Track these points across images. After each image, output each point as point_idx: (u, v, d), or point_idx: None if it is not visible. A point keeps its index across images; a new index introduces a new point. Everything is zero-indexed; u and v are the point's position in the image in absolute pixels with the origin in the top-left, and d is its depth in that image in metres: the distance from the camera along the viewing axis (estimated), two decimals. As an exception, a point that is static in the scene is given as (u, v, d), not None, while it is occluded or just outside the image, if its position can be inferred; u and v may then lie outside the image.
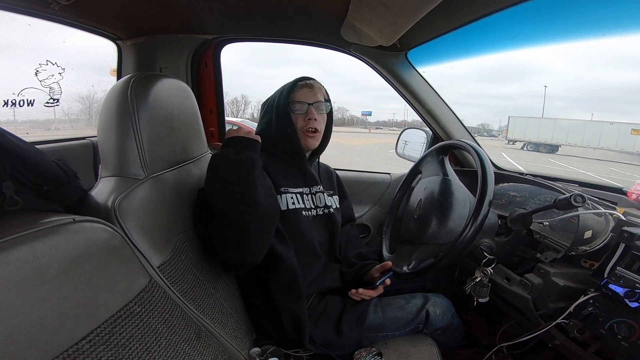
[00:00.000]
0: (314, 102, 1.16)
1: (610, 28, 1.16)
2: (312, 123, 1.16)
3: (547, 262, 0.98)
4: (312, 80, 1.20)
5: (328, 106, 1.21)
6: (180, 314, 0.71)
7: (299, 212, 1.14)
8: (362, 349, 1.05)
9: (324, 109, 1.20)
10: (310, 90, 1.17)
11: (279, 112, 1.16)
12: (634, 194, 1.11)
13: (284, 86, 1.20)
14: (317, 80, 1.21)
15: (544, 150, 23.24)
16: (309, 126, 1.16)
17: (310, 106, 1.16)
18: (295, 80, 1.19)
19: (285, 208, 1.12)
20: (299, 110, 1.16)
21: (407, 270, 1.02)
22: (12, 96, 1.16)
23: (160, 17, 1.28)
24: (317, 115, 1.17)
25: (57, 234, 0.52)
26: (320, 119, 1.18)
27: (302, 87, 1.17)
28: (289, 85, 1.17)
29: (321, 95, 1.20)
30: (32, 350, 0.44)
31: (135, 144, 0.79)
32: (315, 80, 1.21)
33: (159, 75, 0.92)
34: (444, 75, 47.16)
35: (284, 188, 1.14)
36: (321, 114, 1.19)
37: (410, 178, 1.32)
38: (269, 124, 1.19)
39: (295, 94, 1.16)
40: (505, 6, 1.03)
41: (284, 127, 1.15)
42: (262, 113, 1.25)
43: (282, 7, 1.20)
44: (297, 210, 1.14)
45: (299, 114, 1.16)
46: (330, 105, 1.23)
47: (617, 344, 0.78)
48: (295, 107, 1.15)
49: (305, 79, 1.19)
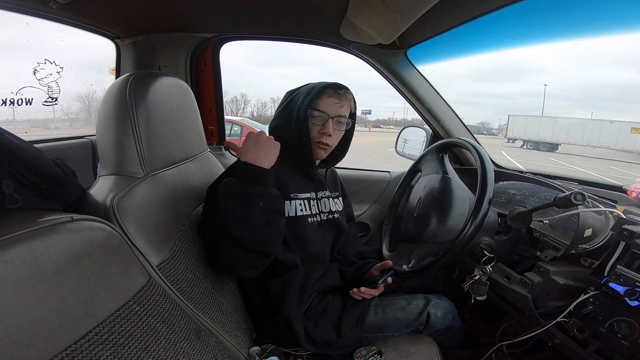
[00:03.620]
0: (335, 115, 1.07)
1: (609, 26, 1.16)
2: (325, 138, 1.08)
3: (547, 260, 0.98)
4: (343, 90, 1.08)
5: (349, 123, 1.13)
6: (180, 313, 0.71)
7: (305, 218, 1.11)
8: (361, 347, 1.05)
9: (343, 124, 1.11)
10: (337, 102, 1.07)
11: (298, 116, 1.06)
12: (634, 192, 1.11)
13: (313, 87, 1.08)
14: (349, 90, 1.10)
15: (544, 148, 23.28)
16: (321, 140, 1.08)
17: (329, 119, 1.07)
18: (324, 85, 1.07)
19: (293, 214, 1.08)
20: (316, 120, 1.07)
21: (406, 269, 1.02)
22: (11, 95, 1.16)
23: (159, 15, 1.27)
24: (332, 131, 1.08)
25: (56, 232, 0.51)
26: (335, 135, 1.10)
27: (330, 96, 1.06)
28: (317, 89, 1.06)
29: (347, 109, 1.10)
30: (30, 349, 0.44)
31: (134, 142, 0.79)
32: (347, 90, 1.09)
33: (158, 73, 0.91)
34: (443, 74, 47.05)
35: (293, 194, 1.10)
36: (339, 130, 1.11)
37: (410, 176, 1.32)
38: (286, 123, 1.10)
39: (320, 102, 1.06)
40: (504, 4, 1.02)
41: (299, 133, 1.06)
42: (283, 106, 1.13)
43: (281, 5, 1.20)
44: (304, 217, 1.11)
45: (315, 124, 1.07)
46: (353, 121, 1.15)
47: (617, 343, 0.78)
48: (314, 115, 1.06)
49: (336, 87, 1.08)
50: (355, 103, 1.14)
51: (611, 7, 1.12)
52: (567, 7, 1.19)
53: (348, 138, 1.18)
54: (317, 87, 1.06)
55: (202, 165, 1.13)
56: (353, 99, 1.13)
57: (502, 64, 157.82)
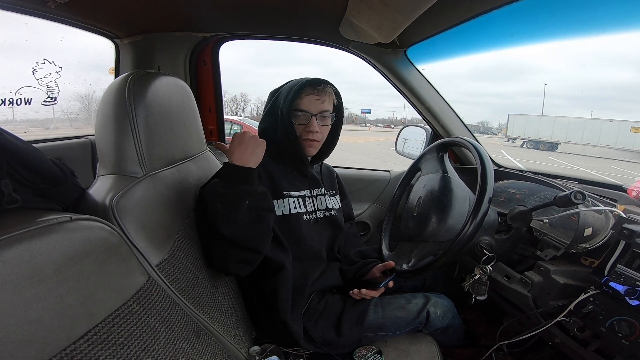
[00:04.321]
0: (317, 112, 1.08)
1: (608, 25, 1.16)
2: (312, 135, 1.09)
3: (547, 259, 0.98)
4: (322, 85, 1.08)
5: (334, 116, 1.13)
6: (179, 313, 0.71)
7: (300, 216, 1.11)
8: (361, 347, 1.05)
9: (328, 118, 1.11)
10: (318, 98, 1.07)
11: (282, 117, 1.07)
12: (634, 191, 1.11)
13: (292, 85, 1.08)
14: (328, 84, 1.10)
15: (544, 147, 23.29)
16: (308, 137, 1.09)
17: (313, 117, 1.07)
18: (302, 83, 1.06)
19: (287, 212, 1.09)
20: (300, 120, 1.08)
21: (406, 268, 1.02)
22: (10, 95, 1.16)
23: (158, 14, 1.27)
24: (318, 127, 1.09)
25: (54, 232, 0.51)
26: (322, 130, 1.11)
27: (309, 94, 1.06)
28: (295, 89, 1.05)
29: (329, 103, 1.10)
30: (29, 349, 0.43)
31: (133, 141, 0.79)
32: (326, 84, 1.09)
33: (157, 73, 0.91)
34: (443, 73, 47.01)
35: (286, 192, 1.11)
36: (324, 125, 1.11)
37: (410, 175, 1.31)
38: (273, 125, 1.11)
39: (301, 101, 1.06)
40: (503, 3, 1.02)
41: (287, 133, 1.07)
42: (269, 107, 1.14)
43: (281, 4, 1.20)
44: (299, 214, 1.11)
45: (299, 123, 1.08)
46: (337, 114, 1.15)
47: (617, 342, 0.78)
48: (297, 115, 1.07)
49: (313, 84, 1.07)
50: (337, 95, 1.14)
51: (610, 6, 1.12)
52: (566, 6, 1.19)
53: (335, 131, 1.19)
54: (296, 86, 1.06)
55: (202, 164, 1.12)
56: (334, 91, 1.12)
57: (502, 63, 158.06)
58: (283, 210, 1.08)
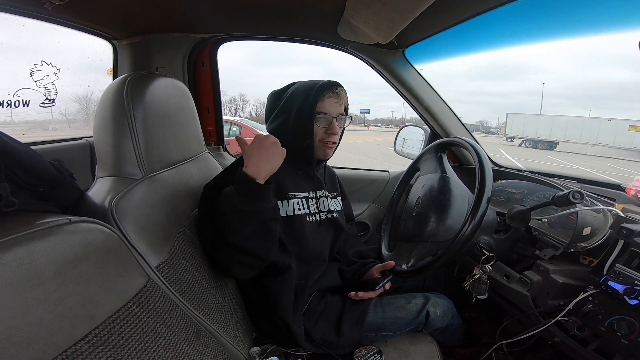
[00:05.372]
0: (337, 115, 1.09)
1: (606, 25, 1.16)
2: (333, 137, 1.11)
3: (546, 259, 0.98)
4: (339, 88, 1.10)
5: (350, 118, 1.16)
6: (179, 314, 0.71)
7: (304, 217, 1.11)
8: (362, 347, 1.05)
9: (343, 120, 1.14)
10: (337, 101, 1.09)
11: (301, 120, 1.05)
12: (632, 190, 1.11)
13: (309, 88, 1.07)
14: (342, 86, 1.12)
15: (543, 146, 23.29)
16: (329, 139, 1.10)
17: (334, 119, 1.09)
18: (323, 85, 1.06)
19: (291, 213, 1.08)
20: (321, 122, 1.08)
21: (406, 268, 1.02)
22: (8, 97, 1.16)
23: (156, 16, 1.27)
24: (337, 129, 1.11)
25: (54, 234, 0.51)
26: (339, 132, 1.14)
27: (329, 97, 1.07)
28: (316, 92, 1.05)
29: (344, 105, 1.13)
30: (30, 351, 0.44)
31: (131, 143, 0.79)
32: (341, 86, 1.12)
33: (155, 74, 0.91)
34: (441, 73, 46.98)
35: (291, 193, 1.10)
36: (341, 127, 1.14)
37: (409, 175, 1.32)
38: (284, 125, 1.08)
39: (322, 103, 1.06)
40: (501, 3, 1.02)
41: (303, 136, 1.06)
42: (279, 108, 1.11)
43: (279, 5, 1.19)
44: (303, 216, 1.11)
45: (321, 126, 1.08)
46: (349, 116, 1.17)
47: (616, 342, 0.78)
48: (319, 118, 1.07)
49: (333, 86, 1.08)
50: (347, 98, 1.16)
51: (608, 5, 1.13)
52: (564, 5, 1.20)
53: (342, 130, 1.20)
54: (315, 88, 1.06)
55: (201, 165, 1.12)
56: (346, 94, 1.15)
57: (500, 63, 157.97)
58: (287, 212, 1.08)
